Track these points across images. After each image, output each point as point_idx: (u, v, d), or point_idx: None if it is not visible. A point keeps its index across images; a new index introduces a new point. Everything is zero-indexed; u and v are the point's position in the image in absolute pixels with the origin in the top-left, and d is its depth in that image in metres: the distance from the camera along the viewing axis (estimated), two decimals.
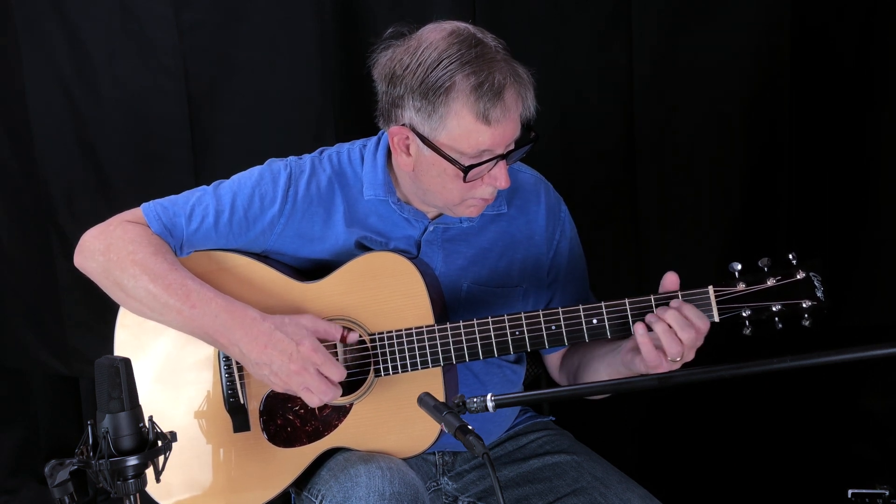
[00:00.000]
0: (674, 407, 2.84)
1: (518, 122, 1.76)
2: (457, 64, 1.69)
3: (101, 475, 1.47)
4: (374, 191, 1.89)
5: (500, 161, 1.76)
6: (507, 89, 1.71)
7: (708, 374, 1.42)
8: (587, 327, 1.76)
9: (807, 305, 1.70)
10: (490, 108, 1.69)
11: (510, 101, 1.72)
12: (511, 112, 1.73)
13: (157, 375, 1.91)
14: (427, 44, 1.73)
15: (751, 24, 2.62)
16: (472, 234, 1.93)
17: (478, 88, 1.69)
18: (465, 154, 1.73)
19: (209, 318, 1.77)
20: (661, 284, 1.76)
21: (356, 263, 1.84)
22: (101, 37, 2.73)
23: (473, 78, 1.69)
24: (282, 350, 1.74)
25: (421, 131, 1.74)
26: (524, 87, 1.75)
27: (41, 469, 1.59)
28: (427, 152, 1.76)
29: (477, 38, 1.73)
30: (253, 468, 1.87)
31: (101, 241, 1.85)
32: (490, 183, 1.78)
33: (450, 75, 1.69)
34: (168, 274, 1.79)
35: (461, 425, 1.36)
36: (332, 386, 1.75)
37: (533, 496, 1.94)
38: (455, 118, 1.71)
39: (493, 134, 1.72)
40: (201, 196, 1.88)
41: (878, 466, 2.75)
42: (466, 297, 1.93)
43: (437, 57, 1.71)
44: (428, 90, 1.71)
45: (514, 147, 1.78)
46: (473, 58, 1.70)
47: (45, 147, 2.81)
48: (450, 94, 1.70)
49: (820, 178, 2.68)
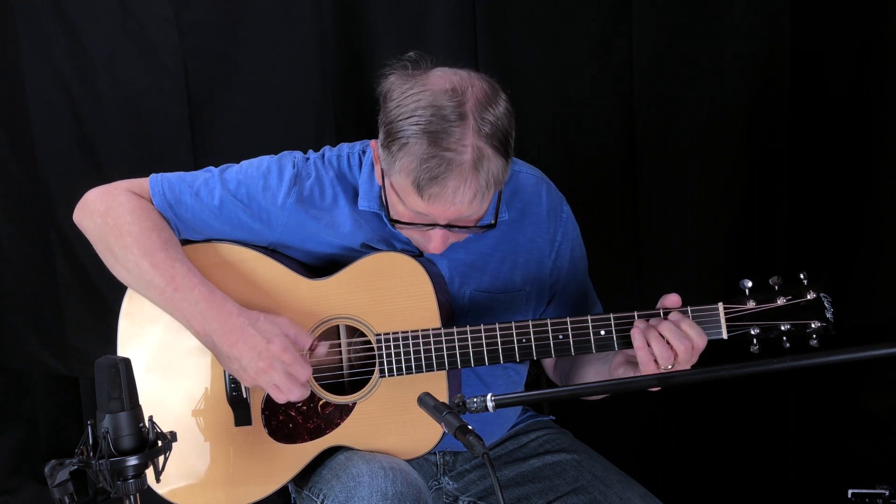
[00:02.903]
0: (674, 406, 2.84)
1: (464, 208, 1.68)
2: (421, 128, 1.64)
3: (101, 475, 1.47)
4: (369, 202, 1.88)
5: (437, 228, 1.73)
6: (453, 178, 1.63)
7: (708, 375, 1.42)
8: (595, 338, 1.75)
9: (815, 326, 1.69)
10: (425, 185, 1.65)
11: (450, 189, 1.64)
12: (448, 200, 1.66)
13: (160, 366, 1.91)
14: (420, 89, 1.68)
15: (751, 24, 2.62)
16: (472, 240, 1.91)
17: (424, 162, 1.64)
18: (405, 204, 1.71)
19: (189, 303, 1.78)
20: (661, 304, 1.74)
21: (364, 262, 1.84)
22: (101, 37, 2.73)
23: (426, 149, 1.63)
24: (252, 346, 1.74)
25: (383, 160, 1.74)
26: (481, 178, 1.65)
27: (41, 469, 1.59)
28: (385, 179, 1.75)
29: (463, 112, 1.64)
30: (253, 463, 1.87)
31: (103, 202, 1.86)
32: (422, 243, 1.79)
33: (410, 134, 1.65)
34: (158, 252, 1.80)
35: (461, 425, 1.36)
36: (299, 386, 1.75)
37: (533, 495, 1.94)
38: (399, 174, 1.68)
39: (427, 207, 1.69)
40: (208, 178, 1.89)
41: (878, 466, 2.75)
42: (470, 304, 1.92)
43: (414, 109, 1.66)
44: (391, 132, 1.68)
45: (460, 225, 1.73)
46: (439, 130, 1.63)
47: (45, 147, 2.81)
48: (402, 150, 1.66)
49: (820, 176, 2.68)
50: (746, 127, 2.69)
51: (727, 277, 1.75)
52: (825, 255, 2.69)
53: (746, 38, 2.63)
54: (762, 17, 2.61)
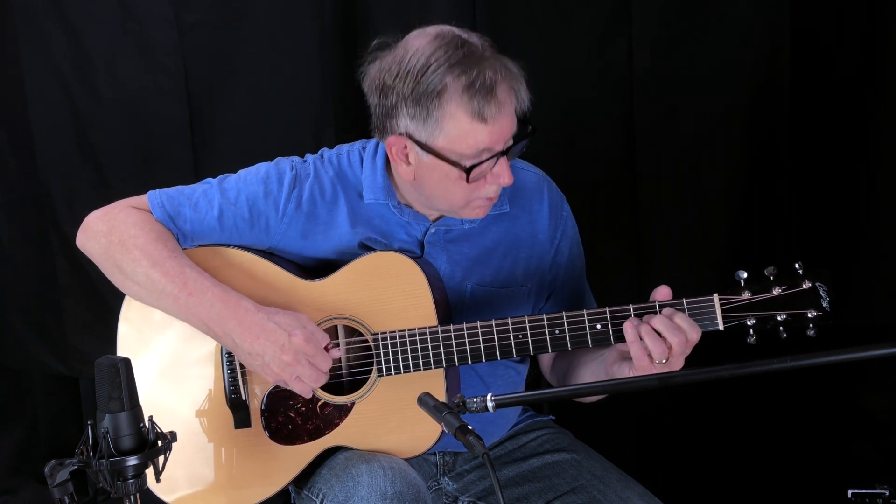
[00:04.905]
0: (674, 406, 2.84)
1: (514, 117, 1.75)
2: (445, 66, 1.69)
3: (101, 475, 1.47)
4: (374, 195, 1.88)
5: (500, 158, 1.75)
6: (499, 84, 1.70)
7: (708, 374, 1.42)
8: (591, 332, 1.75)
9: (812, 315, 1.69)
10: (484, 105, 1.69)
11: (503, 96, 1.71)
12: (505, 107, 1.72)
13: (160, 370, 1.91)
14: (413, 50, 1.72)
15: (751, 23, 2.62)
16: (475, 234, 1.93)
17: (469, 88, 1.68)
18: (464, 155, 1.73)
19: (205, 306, 1.78)
20: (652, 297, 1.74)
21: (360, 262, 1.84)
22: (101, 37, 2.73)
23: (464, 78, 1.68)
24: (274, 341, 1.75)
25: (418, 138, 1.74)
26: (516, 80, 1.74)
27: (41, 469, 1.59)
28: (427, 158, 1.75)
29: (462, 38, 1.73)
30: (254, 465, 1.88)
31: (105, 222, 1.86)
32: (493, 181, 1.78)
33: (440, 78, 1.68)
34: (167, 260, 1.80)
35: (461, 425, 1.36)
36: (322, 375, 1.77)
37: (533, 495, 1.94)
38: (451, 121, 1.70)
39: (490, 131, 1.71)
40: (207, 189, 1.89)
41: (878, 466, 2.75)
42: (471, 299, 1.93)
43: (426, 62, 1.70)
44: (420, 96, 1.70)
45: (513, 142, 1.78)
46: (461, 58, 1.69)
47: (45, 147, 2.81)
48: (442, 98, 1.69)
49: (820, 175, 2.68)
50: (746, 127, 2.69)
51: (727, 278, 1.74)
52: (825, 256, 2.68)
53: (746, 37, 2.63)
54: (762, 16, 2.61)
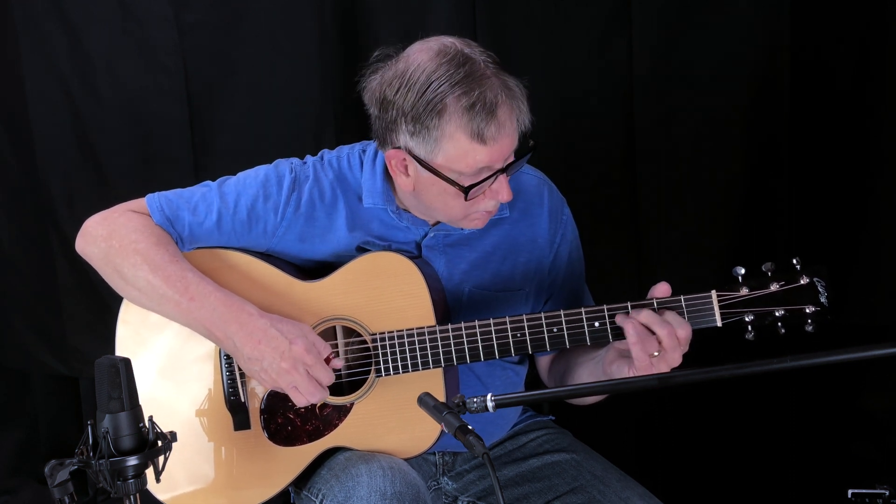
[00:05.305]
0: (674, 406, 2.84)
1: (515, 136, 1.74)
2: (447, 85, 1.67)
3: (101, 475, 1.47)
4: (373, 199, 1.88)
5: (499, 175, 1.75)
6: (500, 106, 1.69)
7: (708, 374, 1.42)
8: (589, 330, 1.75)
9: (810, 311, 1.69)
10: (484, 126, 1.67)
11: (504, 117, 1.70)
12: (506, 128, 1.71)
13: (158, 372, 1.91)
14: (415, 66, 1.71)
15: (751, 23, 2.62)
16: (474, 238, 1.93)
17: (470, 109, 1.67)
18: (463, 174, 1.72)
19: (206, 311, 1.77)
20: (651, 294, 1.74)
21: (358, 263, 1.84)
22: (100, 37, 2.73)
23: (465, 98, 1.67)
24: (274, 347, 1.74)
25: (417, 154, 1.73)
26: (516, 100, 1.73)
27: (41, 469, 1.59)
28: (425, 174, 1.75)
29: (465, 54, 1.70)
30: (253, 466, 1.87)
31: (104, 227, 1.85)
32: (492, 197, 1.77)
33: (441, 97, 1.67)
34: (168, 265, 1.79)
35: (461, 425, 1.36)
36: (320, 388, 1.75)
37: (532, 495, 1.94)
38: (450, 140, 1.69)
39: (489, 152, 1.70)
40: (206, 193, 1.89)
41: (878, 466, 2.75)
42: (469, 302, 1.92)
43: (427, 79, 1.68)
44: (420, 113, 1.69)
45: (514, 158, 1.77)
46: (463, 77, 1.67)
47: (45, 147, 2.81)
48: (442, 117, 1.68)
49: (820, 176, 2.68)
50: (746, 127, 2.69)
51: (727, 278, 1.74)
52: (825, 255, 2.68)
53: (746, 38, 2.63)
54: (762, 17, 2.61)
